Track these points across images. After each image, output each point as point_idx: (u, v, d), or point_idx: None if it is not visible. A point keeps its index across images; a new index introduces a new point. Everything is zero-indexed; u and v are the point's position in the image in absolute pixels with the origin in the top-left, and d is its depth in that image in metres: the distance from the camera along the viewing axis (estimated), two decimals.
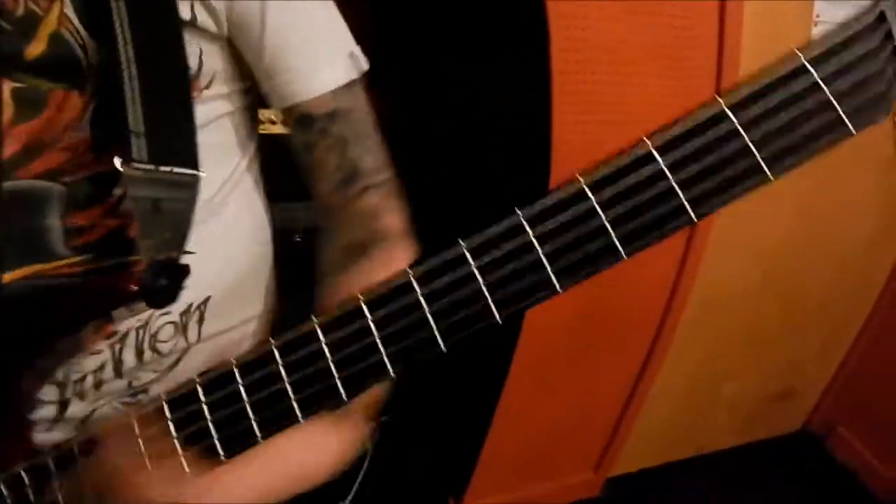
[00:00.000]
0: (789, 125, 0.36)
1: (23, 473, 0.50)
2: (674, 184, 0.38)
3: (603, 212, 0.39)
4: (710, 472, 2.01)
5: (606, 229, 0.39)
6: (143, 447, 0.47)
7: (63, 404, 0.60)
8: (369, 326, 0.43)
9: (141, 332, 0.61)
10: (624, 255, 0.39)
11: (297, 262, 0.78)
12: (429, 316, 0.42)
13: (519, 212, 0.40)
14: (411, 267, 0.43)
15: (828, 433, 2.15)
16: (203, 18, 0.56)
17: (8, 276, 0.53)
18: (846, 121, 0.36)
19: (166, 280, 0.52)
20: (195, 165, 0.53)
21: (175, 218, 0.53)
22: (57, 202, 0.54)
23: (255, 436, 0.45)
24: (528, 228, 0.40)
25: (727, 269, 1.65)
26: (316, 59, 0.60)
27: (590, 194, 0.39)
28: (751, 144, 0.37)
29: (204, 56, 0.58)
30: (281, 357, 0.45)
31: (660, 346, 1.67)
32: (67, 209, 0.54)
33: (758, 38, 1.33)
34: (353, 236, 0.59)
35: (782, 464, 2.10)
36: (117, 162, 0.49)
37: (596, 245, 0.39)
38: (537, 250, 0.40)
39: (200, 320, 0.65)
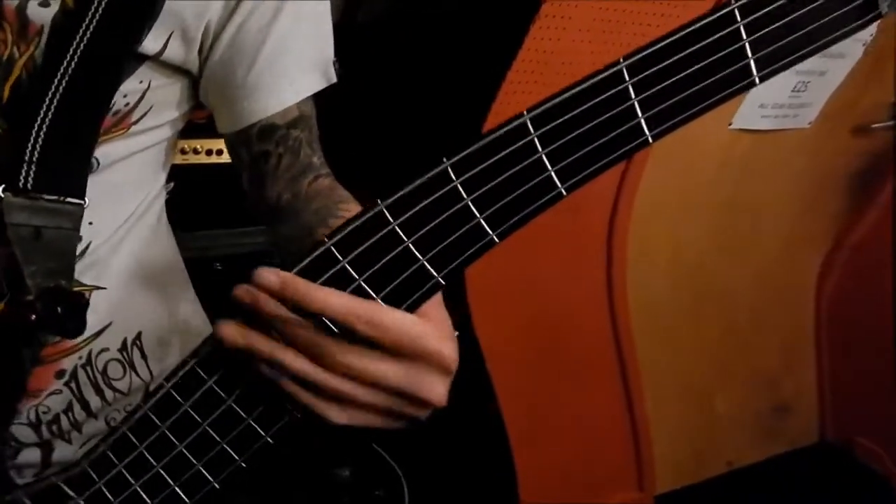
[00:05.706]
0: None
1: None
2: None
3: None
4: (745, 485, 2.14)
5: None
6: None
7: (46, 446, 0.61)
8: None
9: (88, 369, 0.61)
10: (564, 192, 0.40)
11: (219, 291, 0.89)
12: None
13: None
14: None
15: (848, 444, 2.26)
16: (174, 51, 0.58)
17: None
18: None
19: (63, 308, 0.52)
20: (80, 195, 0.54)
21: (57, 247, 0.53)
22: None
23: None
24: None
25: (652, 287, 1.78)
26: (299, 70, 0.61)
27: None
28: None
29: (149, 91, 0.59)
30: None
31: (626, 354, 1.78)
32: None
33: None
34: (313, 210, 0.59)
35: (823, 473, 2.23)
36: (1, 191, 0.50)
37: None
38: None
39: (143, 356, 0.65)
